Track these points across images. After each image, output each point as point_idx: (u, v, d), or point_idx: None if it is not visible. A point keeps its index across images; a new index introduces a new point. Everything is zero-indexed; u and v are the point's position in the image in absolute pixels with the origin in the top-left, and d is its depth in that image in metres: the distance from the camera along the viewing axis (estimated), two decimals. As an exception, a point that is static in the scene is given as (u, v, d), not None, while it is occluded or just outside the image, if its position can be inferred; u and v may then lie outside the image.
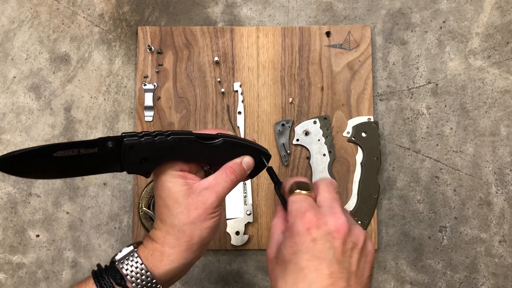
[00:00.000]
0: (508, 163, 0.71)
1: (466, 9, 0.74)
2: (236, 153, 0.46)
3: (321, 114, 0.71)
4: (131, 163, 0.42)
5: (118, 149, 0.41)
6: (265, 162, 0.48)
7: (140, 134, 0.42)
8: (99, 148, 0.40)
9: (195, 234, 0.44)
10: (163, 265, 0.43)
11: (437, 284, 0.70)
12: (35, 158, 0.37)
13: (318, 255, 0.37)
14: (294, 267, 0.38)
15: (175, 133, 0.43)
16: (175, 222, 0.44)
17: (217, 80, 0.72)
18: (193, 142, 0.44)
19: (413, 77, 0.73)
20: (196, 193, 0.44)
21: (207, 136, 0.45)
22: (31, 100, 0.73)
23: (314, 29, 0.72)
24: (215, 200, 0.44)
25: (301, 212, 0.40)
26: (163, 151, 0.43)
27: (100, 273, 0.43)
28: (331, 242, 0.38)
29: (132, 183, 0.72)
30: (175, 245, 0.44)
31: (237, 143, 0.46)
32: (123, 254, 0.44)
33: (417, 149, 0.72)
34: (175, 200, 0.44)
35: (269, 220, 0.70)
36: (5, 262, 0.71)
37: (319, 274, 0.36)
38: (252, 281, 0.71)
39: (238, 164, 0.46)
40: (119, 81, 0.74)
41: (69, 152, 0.39)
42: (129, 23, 0.75)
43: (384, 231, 0.71)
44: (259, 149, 0.47)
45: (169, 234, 0.44)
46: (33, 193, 0.72)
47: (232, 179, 0.45)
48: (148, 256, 0.44)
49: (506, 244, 0.70)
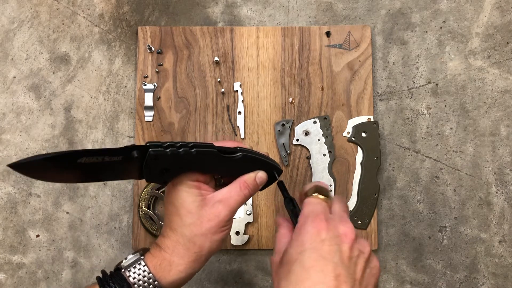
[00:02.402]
0: (508, 163, 0.71)
1: (466, 9, 0.74)
2: (250, 166, 0.47)
3: (321, 114, 0.71)
4: (153, 172, 0.43)
5: (142, 159, 0.41)
6: (276, 177, 0.49)
7: (165, 144, 0.42)
8: (124, 157, 0.40)
9: (205, 246, 0.44)
10: (171, 275, 0.43)
11: (437, 284, 0.70)
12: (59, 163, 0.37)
13: (325, 256, 0.37)
14: (300, 266, 0.38)
15: (198, 146, 0.43)
16: (186, 232, 0.44)
17: (217, 80, 0.72)
18: (214, 155, 0.44)
19: (413, 77, 0.73)
20: (209, 205, 0.44)
21: (228, 150, 0.45)
22: (31, 100, 0.73)
23: (314, 29, 0.72)
24: (228, 213, 0.45)
25: (314, 213, 0.41)
26: (185, 162, 0.43)
27: (106, 280, 0.43)
28: (339, 245, 0.38)
29: (132, 183, 0.72)
30: (184, 256, 0.44)
31: (254, 158, 0.47)
32: (130, 262, 0.44)
33: (417, 149, 0.72)
34: (188, 210, 0.44)
35: (269, 220, 0.70)
36: (5, 262, 0.71)
37: (325, 275, 0.36)
38: (252, 281, 0.71)
39: (252, 179, 0.47)
40: (119, 81, 0.74)
41: (93, 159, 0.39)
42: (129, 23, 0.75)
43: (384, 231, 0.71)
44: (271, 163, 0.48)
45: (179, 244, 0.44)
46: (33, 193, 0.72)
47: (245, 194, 0.46)
48: (156, 265, 0.43)
49: (506, 244, 0.70)
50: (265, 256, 0.71)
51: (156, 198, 0.70)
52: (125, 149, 0.40)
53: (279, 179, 0.49)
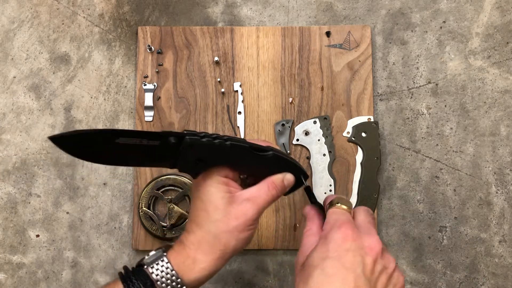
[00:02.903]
0: (508, 163, 0.71)
1: (466, 9, 0.74)
2: (278, 168, 0.46)
3: (321, 114, 0.71)
4: (187, 161, 0.42)
5: (178, 146, 0.41)
6: (304, 181, 0.48)
7: (201, 134, 0.42)
8: (161, 142, 0.40)
9: (230, 244, 0.43)
10: (194, 273, 0.43)
11: (437, 284, 0.70)
12: (99, 140, 0.37)
13: (348, 266, 0.37)
14: (321, 273, 0.37)
15: (232, 139, 0.43)
16: (212, 228, 0.43)
17: (217, 80, 0.72)
18: (247, 151, 0.44)
19: (413, 77, 0.73)
20: (237, 202, 0.44)
21: (259, 147, 0.45)
22: (31, 100, 0.73)
23: (314, 29, 0.72)
24: (256, 212, 0.44)
25: (339, 222, 0.40)
26: (218, 154, 0.43)
27: (129, 277, 0.42)
28: (363, 257, 0.38)
29: (132, 183, 0.72)
30: (209, 253, 0.43)
31: (283, 159, 0.46)
32: (153, 258, 0.43)
33: (417, 149, 0.72)
34: (216, 206, 0.43)
35: (269, 220, 0.70)
36: (5, 262, 0.71)
37: (344, 284, 0.36)
38: (252, 281, 0.71)
39: (280, 180, 0.46)
40: (119, 81, 0.74)
41: (132, 141, 0.38)
42: (129, 23, 0.75)
43: (384, 231, 0.71)
44: (300, 167, 0.48)
45: (204, 240, 0.43)
46: (33, 193, 0.72)
47: (273, 194, 0.45)
48: (179, 263, 0.43)
49: (506, 244, 0.70)
50: (265, 256, 0.71)
51: (156, 198, 0.70)
52: (163, 134, 0.40)
53: (306, 184, 0.49)
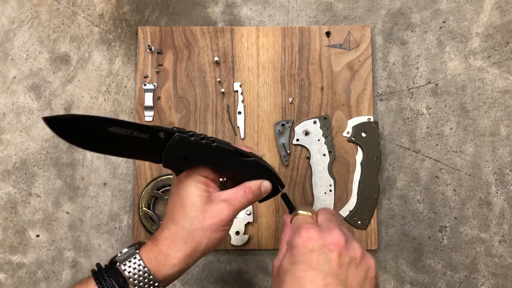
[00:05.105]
0: (508, 163, 0.71)
1: (466, 9, 0.74)
2: (257, 174, 0.48)
3: (321, 114, 0.71)
4: (172, 157, 0.43)
5: (166, 141, 0.42)
6: (280, 189, 0.51)
7: (190, 133, 0.43)
8: (150, 136, 0.41)
9: (203, 242, 0.45)
10: (166, 269, 0.44)
11: (437, 284, 0.70)
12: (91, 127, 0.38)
13: (315, 266, 0.38)
14: (292, 277, 0.39)
15: (218, 141, 0.45)
16: (187, 225, 0.44)
17: (217, 80, 0.72)
18: (231, 154, 0.46)
19: (413, 77, 0.73)
20: (214, 202, 0.45)
21: (243, 152, 0.47)
22: (31, 100, 0.73)
23: (314, 29, 0.72)
24: (231, 213, 0.46)
25: (300, 227, 0.42)
26: (203, 154, 0.44)
27: (101, 274, 0.43)
28: (327, 254, 0.39)
29: (132, 183, 0.72)
30: (181, 249, 0.44)
31: (263, 166, 0.48)
32: (125, 255, 0.44)
33: (417, 149, 0.72)
34: (193, 204, 0.45)
35: (269, 220, 0.70)
36: (5, 262, 0.71)
37: (314, 285, 0.37)
38: (252, 281, 0.71)
39: (257, 186, 0.48)
40: (119, 81, 0.74)
41: (123, 131, 0.39)
42: (129, 23, 0.75)
43: (384, 231, 0.71)
44: (277, 176, 0.50)
45: (178, 236, 0.44)
46: (33, 193, 0.72)
47: (249, 198, 0.47)
48: (152, 259, 0.44)
49: (506, 244, 0.70)
50: (265, 256, 0.71)
51: (156, 198, 0.70)
52: (153, 128, 0.41)
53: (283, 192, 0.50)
